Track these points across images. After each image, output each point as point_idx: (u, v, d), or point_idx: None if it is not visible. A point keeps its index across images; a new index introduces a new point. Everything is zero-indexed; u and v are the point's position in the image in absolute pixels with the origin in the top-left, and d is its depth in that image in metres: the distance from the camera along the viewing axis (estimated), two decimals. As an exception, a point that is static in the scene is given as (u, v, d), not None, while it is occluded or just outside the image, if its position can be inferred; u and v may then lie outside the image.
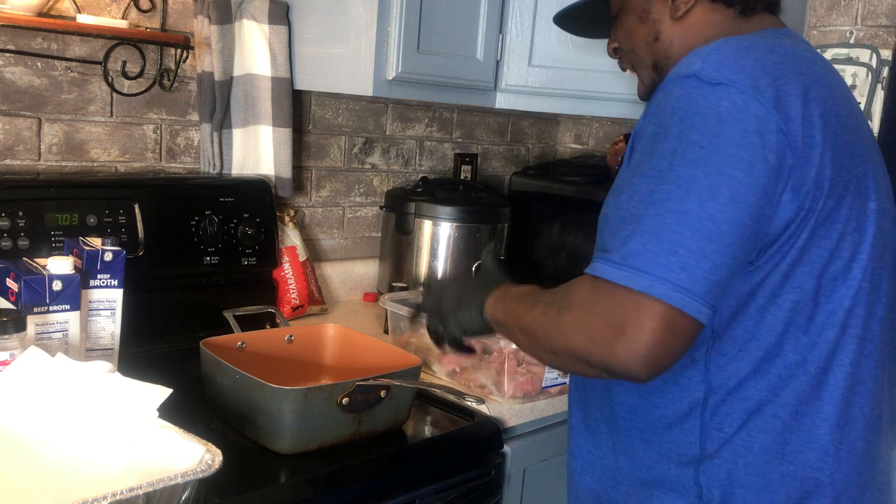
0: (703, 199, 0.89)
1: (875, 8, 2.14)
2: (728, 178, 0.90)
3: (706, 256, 0.89)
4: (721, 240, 0.89)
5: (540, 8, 1.88)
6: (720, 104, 0.92)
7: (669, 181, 0.91)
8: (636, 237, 0.91)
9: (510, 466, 1.49)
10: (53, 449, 0.95)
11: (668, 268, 0.88)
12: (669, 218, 0.90)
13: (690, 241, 0.88)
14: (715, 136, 0.91)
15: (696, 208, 0.89)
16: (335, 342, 1.52)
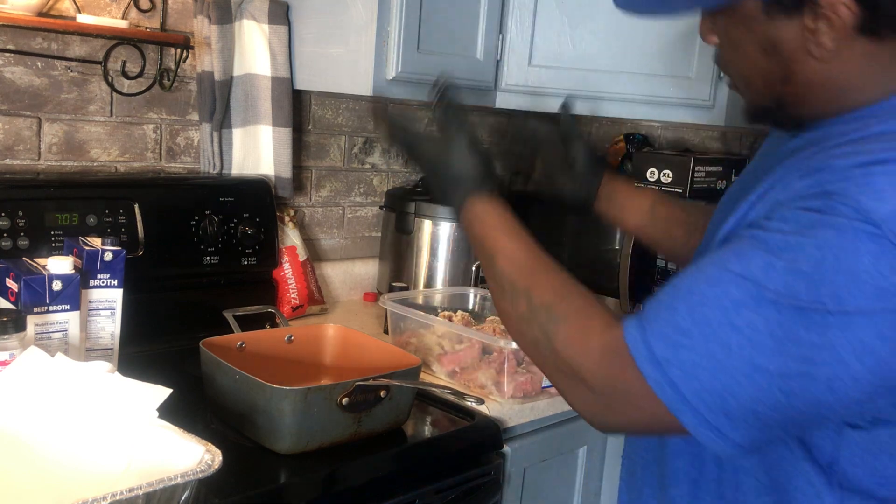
0: (789, 367, 0.73)
1: (875, 8, 2.14)
2: (840, 364, 0.72)
3: (757, 416, 0.75)
4: (784, 412, 0.75)
5: (540, 8, 1.88)
6: (888, 276, 0.71)
7: (764, 317, 0.74)
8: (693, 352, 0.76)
9: (510, 466, 1.49)
10: (53, 449, 0.95)
11: (707, 405, 0.76)
12: (738, 362, 0.74)
13: (747, 398, 0.75)
14: (858, 311, 0.71)
15: (773, 369, 0.73)
16: (335, 342, 1.52)
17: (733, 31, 0.89)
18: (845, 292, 0.71)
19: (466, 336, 1.60)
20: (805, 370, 0.73)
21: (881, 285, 0.70)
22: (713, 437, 0.77)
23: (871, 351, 0.72)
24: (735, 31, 0.88)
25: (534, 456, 1.57)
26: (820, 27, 0.81)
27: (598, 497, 1.76)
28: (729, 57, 0.92)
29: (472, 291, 1.93)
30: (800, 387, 0.73)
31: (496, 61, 1.89)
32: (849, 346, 0.72)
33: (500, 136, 1.17)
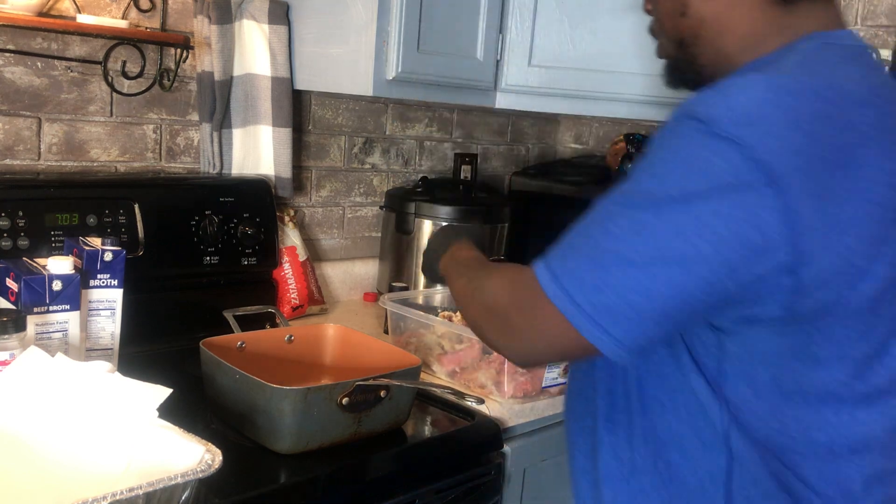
0: (650, 254, 0.84)
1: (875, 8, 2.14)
2: (688, 244, 0.83)
3: (633, 307, 0.85)
4: (655, 299, 0.85)
5: (540, 8, 1.88)
6: (716, 163, 0.82)
7: (629, 218, 0.87)
8: (576, 258, 0.89)
9: (510, 466, 1.49)
10: (53, 449, 0.95)
11: (590, 303, 0.87)
12: (610, 258, 0.86)
13: (622, 289, 0.85)
14: (696, 195, 0.83)
15: (639, 260, 0.84)
16: (335, 342, 1.52)
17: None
18: (684, 180, 0.84)
19: (466, 336, 1.60)
20: (663, 255, 0.84)
21: (710, 169, 0.82)
22: (601, 336, 0.86)
23: (712, 229, 0.82)
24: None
25: (534, 456, 1.57)
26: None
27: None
28: (654, 11, 1.08)
29: (472, 291, 1.93)
30: (662, 273, 0.84)
31: (496, 61, 1.89)
32: (692, 227, 0.83)
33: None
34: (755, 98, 0.83)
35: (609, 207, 0.90)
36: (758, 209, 0.81)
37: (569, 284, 0.88)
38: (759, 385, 0.91)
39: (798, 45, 0.94)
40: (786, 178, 0.81)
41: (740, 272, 0.83)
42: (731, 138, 0.82)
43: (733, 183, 0.81)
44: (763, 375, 0.91)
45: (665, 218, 0.84)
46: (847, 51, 0.95)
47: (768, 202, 0.81)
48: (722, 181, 0.82)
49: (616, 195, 0.90)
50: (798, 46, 0.94)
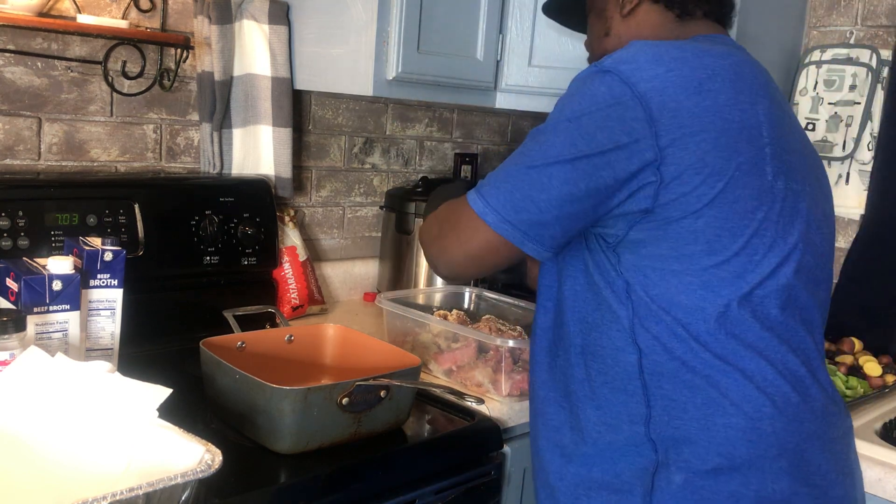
0: (548, 160, 1.08)
1: (875, 8, 2.14)
2: (576, 149, 1.06)
3: (534, 202, 1.08)
4: (550, 193, 1.07)
5: (540, 8, 1.88)
6: (599, 89, 1.06)
7: (536, 141, 1.11)
8: (497, 177, 1.13)
9: (510, 466, 1.49)
10: (53, 449, 0.95)
11: (503, 204, 1.10)
12: (519, 169, 1.11)
13: (526, 189, 1.09)
14: (583, 114, 1.07)
15: (539, 165, 1.08)
16: (335, 342, 1.52)
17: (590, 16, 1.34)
18: (577, 105, 1.08)
19: (462, 335, 1.60)
20: (556, 158, 1.07)
21: (595, 94, 1.07)
22: (510, 230, 1.10)
23: (593, 135, 1.06)
24: (591, 15, 1.33)
25: (534, 456, 1.57)
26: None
27: (597, 497, 1.76)
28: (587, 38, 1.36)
29: (468, 291, 1.93)
30: (555, 170, 1.07)
31: (496, 61, 1.89)
32: (579, 135, 1.06)
33: None
34: (631, 49, 1.09)
35: (526, 142, 1.14)
36: (627, 119, 1.04)
37: (486, 193, 1.12)
38: (651, 287, 1.09)
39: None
40: (647, 95, 1.04)
41: (617, 168, 1.05)
42: (611, 70, 1.07)
43: (610, 102, 1.05)
44: (652, 277, 1.09)
45: (559, 133, 1.08)
46: (716, 39, 1.20)
47: (636, 112, 1.04)
48: (602, 101, 1.06)
49: (531, 133, 1.14)
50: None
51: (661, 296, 1.09)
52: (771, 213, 1.09)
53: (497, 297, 1.89)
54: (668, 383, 1.09)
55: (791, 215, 1.11)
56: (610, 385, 1.13)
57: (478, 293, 1.92)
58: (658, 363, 1.10)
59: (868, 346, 1.98)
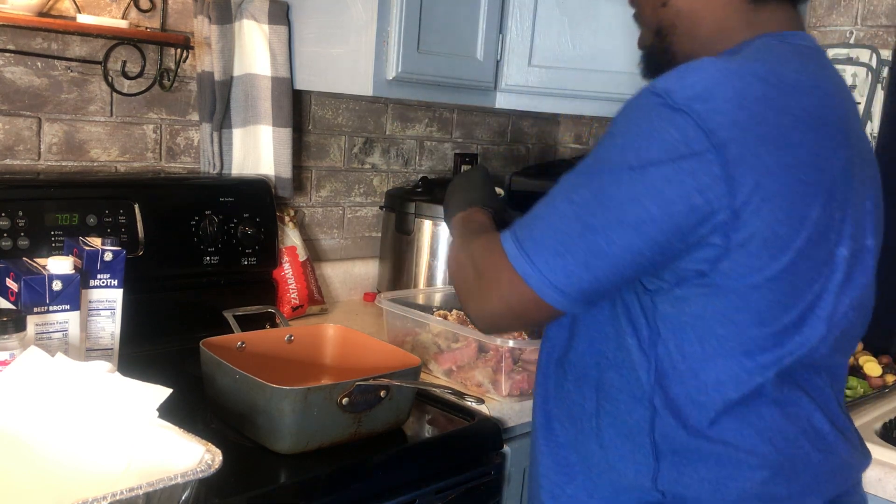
0: (608, 219, 0.93)
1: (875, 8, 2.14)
2: (641, 208, 0.91)
3: (589, 269, 0.95)
4: (610, 260, 0.94)
5: (540, 8, 1.88)
6: (669, 132, 0.91)
7: (590, 188, 0.95)
8: (540, 226, 0.99)
9: (510, 466, 1.49)
10: (53, 449, 0.95)
11: (552, 269, 0.96)
12: (572, 224, 0.95)
13: (581, 254, 0.94)
14: (650, 163, 0.91)
15: (598, 225, 0.93)
16: (335, 342, 1.52)
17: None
18: (641, 149, 0.92)
19: (462, 335, 1.60)
20: (619, 219, 0.92)
21: (664, 138, 0.91)
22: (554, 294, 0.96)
23: (663, 194, 0.90)
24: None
25: (534, 456, 1.57)
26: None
27: (598, 497, 1.76)
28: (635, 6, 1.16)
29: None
30: (618, 235, 0.93)
31: (496, 61, 1.89)
32: (646, 193, 0.91)
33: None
34: (706, 78, 0.92)
35: (573, 178, 0.98)
36: (703, 175, 0.90)
37: (530, 249, 0.97)
38: (685, 346, 0.99)
39: (755, 42, 1.03)
40: (726, 147, 0.89)
41: (687, 233, 0.92)
42: (684, 109, 0.90)
43: (683, 151, 0.90)
44: (690, 336, 0.98)
45: (622, 185, 0.93)
46: (797, 48, 1.04)
47: (712, 168, 0.89)
48: (673, 149, 0.90)
49: (580, 166, 0.98)
50: (755, 43, 1.03)
51: (694, 356, 0.99)
52: (829, 285, 0.99)
53: (497, 297, 1.88)
54: (680, 449, 1.01)
55: (846, 283, 1.01)
56: (618, 431, 1.05)
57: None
58: (672, 428, 1.01)
59: (868, 346, 1.98)
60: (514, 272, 0.98)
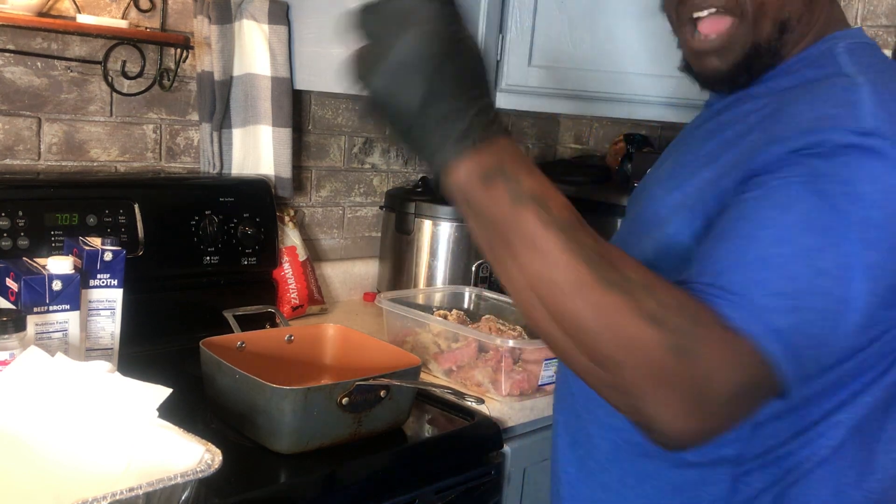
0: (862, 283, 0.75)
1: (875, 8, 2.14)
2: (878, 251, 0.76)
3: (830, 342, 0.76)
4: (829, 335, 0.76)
5: (540, 8, 1.87)
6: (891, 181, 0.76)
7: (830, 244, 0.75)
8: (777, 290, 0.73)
9: (510, 466, 1.49)
10: (53, 449, 0.95)
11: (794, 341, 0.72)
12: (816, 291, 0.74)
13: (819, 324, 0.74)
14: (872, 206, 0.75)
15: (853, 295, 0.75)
16: (335, 342, 1.52)
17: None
18: (870, 201, 0.75)
19: (462, 335, 1.60)
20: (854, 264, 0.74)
21: (889, 192, 0.75)
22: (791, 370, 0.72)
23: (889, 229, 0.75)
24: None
25: (534, 456, 1.57)
26: None
27: (598, 497, 1.76)
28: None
29: (468, 291, 1.93)
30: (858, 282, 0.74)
31: (496, 61, 1.89)
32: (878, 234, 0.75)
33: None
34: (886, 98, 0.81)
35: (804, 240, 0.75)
36: None
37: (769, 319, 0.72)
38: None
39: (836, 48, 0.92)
40: None
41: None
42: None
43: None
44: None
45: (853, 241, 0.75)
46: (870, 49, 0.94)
47: None
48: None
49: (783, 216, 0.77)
50: (836, 49, 0.92)
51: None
52: None
53: (497, 297, 1.89)
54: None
55: None
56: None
57: (478, 293, 1.92)
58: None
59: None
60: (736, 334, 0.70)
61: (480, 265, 2.02)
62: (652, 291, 0.68)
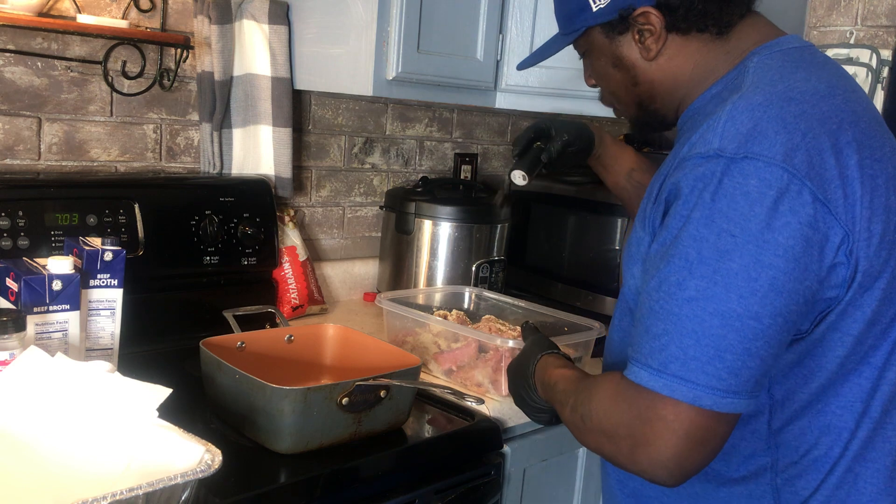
0: (743, 295, 0.84)
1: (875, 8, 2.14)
2: (767, 267, 0.85)
3: (753, 355, 0.86)
4: (767, 334, 0.86)
5: (540, 8, 1.88)
6: (748, 182, 0.86)
7: (702, 276, 0.86)
8: (675, 341, 0.87)
9: (510, 466, 1.49)
10: (53, 449, 0.95)
11: (715, 375, 0.85)
12: (710, 321, 0.85)
13: (737, 344, 0.85)
14: (746, 219, 0.85)
15: (737, 308, 0.85)
16: (335, 342, 1.52)
17: (596, 63, 1.15)
18: (733, 211, 0.86)
19: (462, 335, 1.60)
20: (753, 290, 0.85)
21: (747, 192, 0.86)
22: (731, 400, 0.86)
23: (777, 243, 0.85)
24: (597, 63, 1.15)
25: (534, 456, 1.57)
26: (644, 36, 1.06)
27: (598, 497, 1.76)
28: (602, 86, 1.18)
29: (468, 291, 1.93)
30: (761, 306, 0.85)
31: (496, 61, 1.89)
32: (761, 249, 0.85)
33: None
34: (742, 122, 0.90)
35: (669, 277, 0.88)
36: (800, 206, 0.86)
37: (679, 370, 0.86)
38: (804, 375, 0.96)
39: (747, 64, 1.01)
40: (803, 171, 0.86)
41: (816, 268, 0.87)
42: (747, 156, 0.87)
43: (771, 194, 0.85)
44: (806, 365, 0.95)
45: (734, 255, 0.85)
46: (792, 54, 1.01)
47: (805, 197, 0.86)
48: (762, 196, 0.85)
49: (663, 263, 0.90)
50: (747, 65, 1.01)
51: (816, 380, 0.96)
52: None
53: (497, 297, 1.89)
54: (804, 488, 0.99)
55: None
56: (733, 488, 1.01)
57: (478, 293, 1.92)
58: (794, 463, 0.98)
59: None
60: (676, 403, 0.86)
61: (480, 265, 2.03)
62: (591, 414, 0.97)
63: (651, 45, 1.05)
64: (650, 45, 1.05)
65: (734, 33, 1.04)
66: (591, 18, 1.09)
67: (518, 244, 2.30)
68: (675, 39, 1.05)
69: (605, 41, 1.10)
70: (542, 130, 1.44)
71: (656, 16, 1.03)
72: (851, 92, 1.00)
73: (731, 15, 1.03)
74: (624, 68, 1.10)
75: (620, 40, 1.08)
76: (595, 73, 1.17)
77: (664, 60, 1.06)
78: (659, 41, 1.05)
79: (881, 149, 0.95)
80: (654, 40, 1.05)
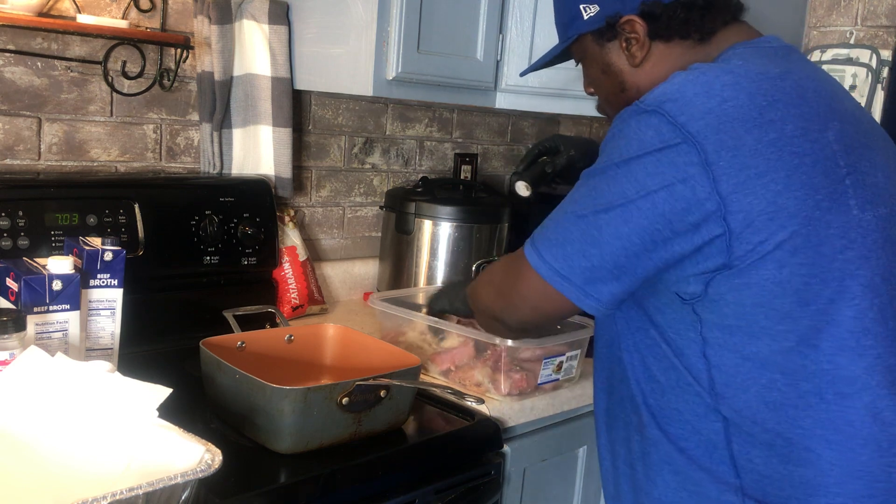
0: (596, 208, 1.01)
1: (875, 8, 2.14)
2: (627, 199, 0.98)
3: (586, 256, 1.02)
4: (602, 247, 1.01)
5: (540, 8, 1.88)
6: (646, 133, 0.98)
7: (585, 188, 1.05)
8: (549, 225, 1.09)
9: (510, 466, 1.49)
10: (53, 449, 0.95)
11: (555, 256, 1.05)
12: (568, 219, 1.05)
13: (577, 241, 1.03)
14: (630, 158, 0.98)
15: (588, 214, 1.02)
16: (335, 342, 1.52)
17: (589, 71, 1.22)
18: (624, 149, 1.00)
19: (459, 333, 1.60)
20: (605, 207, 1.00)
21: (641, 137, 0.98)
22: (559, 280, 1.05)
23: (644, 183, 0.97)
24: (590, 70, 1.21)
25: (534, 456, 1.57)
26: (630, 43, 1.13)
27: (598, 496, 1.76)
28: (596, 93, 1.25)
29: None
30: (605, 221, 1.00)
31: (496, 61, 1.89)
32: (629, 183, 0.98)
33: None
34: (675, 83, 1.00)
35: (576, 186, 1.07)
36: (683, 165, 0.95)
37: (540, 245, 1.08)
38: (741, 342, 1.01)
39: (724, 55, 1.08)
40: (701, 137, 0.95)
41: (674, 221, 0.97)
42: (656, 110, 0.97)
43: (659, 146, 0.96)
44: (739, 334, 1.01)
45: (609, 180, 1.01)
46: (768, 49, 1.08)
47: (690, 158, 0.95)
48: (650, 145, 0.97)
49: (582, 176, 1.07)
50: (724, 56, 1.08)
51: (755, 356, 1.00)
52: (863, 250, 0.99)
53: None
54: (759, 457, 1.03)
55: (883, 247, 1.01)
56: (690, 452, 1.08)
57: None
58: (748, 434, 1.03)
59: None
60: (529, 267, 1.08)
61: (480, 265, 2.02)
62: (491, 273, 1.25)
63: (636, 52, 1.13)
64: (635, 52, 1.13)
65: (717, 40, 1.11)
66: (583, 26, 1.16)
67: (518, 244, 2.30)
68: (659, 46, 1.12)
69: (596, 48, 1.17)
70: (549, 148, 1.52)
71: (640, 24, 1.11)
72: (811, 83, 1.04)
73: (714, 22, 1.10)
74: (612, 74, 1.17)
75: (609, 48, 1.15)
76: (589, 80, 1.24)
77: (649, 66, 1.13)
78: (643, 48, 1.12)
79: (821, 132, 0.99)
80: (639, 47, 1.12)
